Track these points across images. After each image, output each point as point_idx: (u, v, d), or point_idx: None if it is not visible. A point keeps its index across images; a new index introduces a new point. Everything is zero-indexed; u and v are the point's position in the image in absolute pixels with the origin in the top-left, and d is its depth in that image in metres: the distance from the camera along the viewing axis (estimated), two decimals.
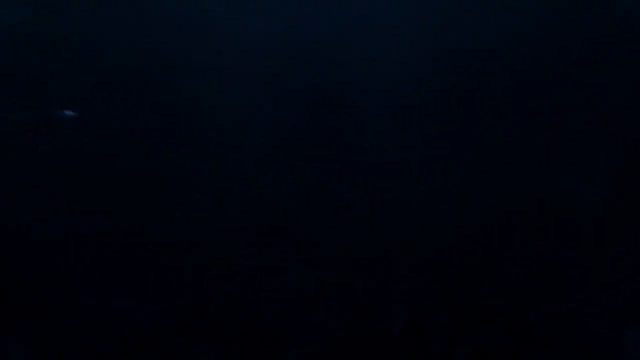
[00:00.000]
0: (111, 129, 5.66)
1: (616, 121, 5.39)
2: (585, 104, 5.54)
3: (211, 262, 4.44)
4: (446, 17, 7.05)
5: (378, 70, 6.38)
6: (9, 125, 5.65)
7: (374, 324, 4.04)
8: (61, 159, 5.33)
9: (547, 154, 5.26)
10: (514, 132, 5.43)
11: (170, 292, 4.23)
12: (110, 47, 6.57)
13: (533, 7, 6.65)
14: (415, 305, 4.14)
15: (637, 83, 5.67)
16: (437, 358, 3.85)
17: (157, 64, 6.41)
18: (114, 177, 5.13)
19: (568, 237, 4.62)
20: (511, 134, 5.42)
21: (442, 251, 4.50)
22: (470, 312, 4.12)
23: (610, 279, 4.30)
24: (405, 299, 4.16)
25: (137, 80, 6.20)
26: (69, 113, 5.16)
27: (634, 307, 4.11)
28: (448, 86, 6.09)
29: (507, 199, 4.90)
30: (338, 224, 4.74)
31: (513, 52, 6.23)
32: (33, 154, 5.36)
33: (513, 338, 3.98)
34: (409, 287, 4.25)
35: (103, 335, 3.95)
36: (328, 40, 6.80)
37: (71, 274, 4.36)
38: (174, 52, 6.57)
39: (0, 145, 5.45)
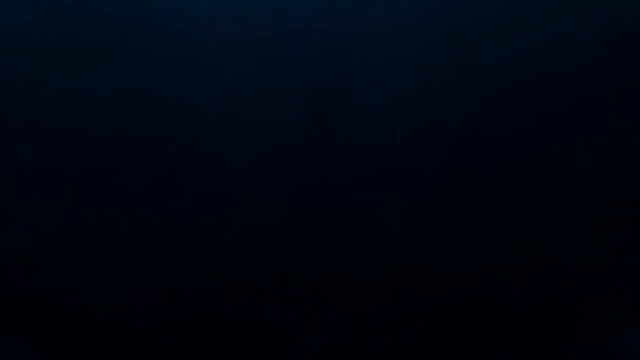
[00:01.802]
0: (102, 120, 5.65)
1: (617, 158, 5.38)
2: (589, 138, 5.52)
3: (208, 263, 4.45)
4: (453, 18, 7.02)
5: (381, 73, 6.35)
6: None
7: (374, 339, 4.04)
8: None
9: (547, 175, 5.25)
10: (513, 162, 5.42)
11: (170, 289, 4.24)
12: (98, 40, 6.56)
13: (550, 28, 6.61)
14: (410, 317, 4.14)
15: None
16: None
17: (146, 66, 6.38)
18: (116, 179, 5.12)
19: (568, 240, 4.62)
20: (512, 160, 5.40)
21: (435, 271, 4.51)
22: (470, 313, 4.12)
23: (610, 279, 4.30)
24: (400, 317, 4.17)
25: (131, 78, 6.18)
26: None
27: (634, 307, 4.11)
28: (450, 87, 6.08)
29: (507, 209, 4.90)
30: (334, 233, 4.75)
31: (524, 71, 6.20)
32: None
33: (513, 338, 3.98)
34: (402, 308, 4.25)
35: (101, 337, 3.95)
36: (331, 40, 6.78)
37: (69, 275, 4.36)
38: (162, 55, 6.54)
39: None
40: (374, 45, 6.39)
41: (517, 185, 5.14)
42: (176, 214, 4.85)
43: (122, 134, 5.42)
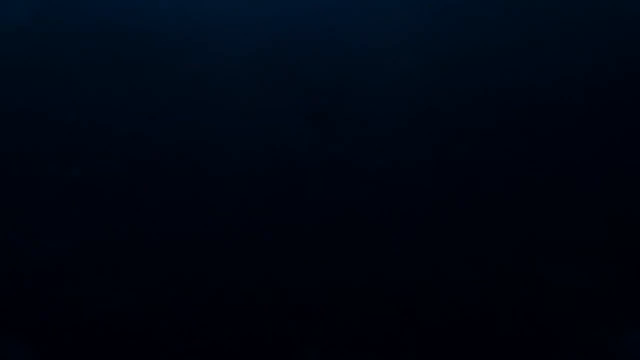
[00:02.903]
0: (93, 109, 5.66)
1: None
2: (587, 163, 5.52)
3: (211, 274, 4.46)
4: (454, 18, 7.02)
5: (380, 83, 6.35)
6: None
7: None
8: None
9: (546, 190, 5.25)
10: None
11: (165, 285, 4.26)
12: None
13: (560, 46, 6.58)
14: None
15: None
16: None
17: (143, 64, 6.40)
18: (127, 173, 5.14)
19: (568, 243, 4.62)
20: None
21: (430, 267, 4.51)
22: (468, 330, 4.13)
23: (609, 278, 4.31)
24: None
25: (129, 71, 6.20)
26: None
27: (634, 307, 4.11)
28: (450, 86, 6.08)
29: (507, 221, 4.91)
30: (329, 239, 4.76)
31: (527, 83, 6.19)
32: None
33: (513, 338, 3.98)
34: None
35: (105, 345, 3.97)
36: (330, 41, 6.79)
37: (68, 275, 4.38)
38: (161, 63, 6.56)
39: None
40: (376, 55, 6.42)
41: (516, 207, 5.17)
42: (179, 227, 4.88)
43: (122, 142, 5.47)
